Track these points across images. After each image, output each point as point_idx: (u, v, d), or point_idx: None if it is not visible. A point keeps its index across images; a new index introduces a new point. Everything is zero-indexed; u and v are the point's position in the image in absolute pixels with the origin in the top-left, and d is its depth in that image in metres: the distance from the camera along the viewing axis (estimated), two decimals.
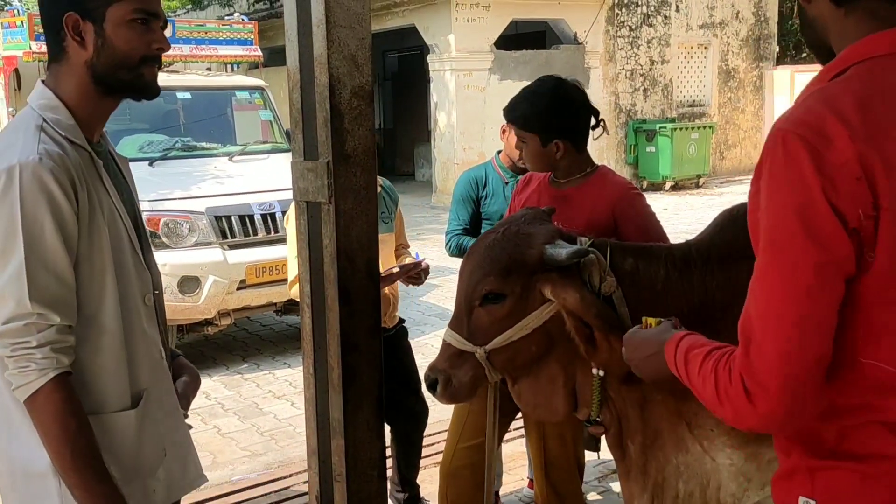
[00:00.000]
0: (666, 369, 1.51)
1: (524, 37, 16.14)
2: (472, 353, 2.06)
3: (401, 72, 19.65)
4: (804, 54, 21.20)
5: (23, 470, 1.73)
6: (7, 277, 1.59)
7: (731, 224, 2.06)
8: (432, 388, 2.12)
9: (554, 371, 2.08)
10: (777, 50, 18.38)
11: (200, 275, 5.80)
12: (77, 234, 1.66)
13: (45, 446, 1.64)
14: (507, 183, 3.57)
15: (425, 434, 3.77)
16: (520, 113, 2.68)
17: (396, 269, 3.29)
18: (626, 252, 2.09)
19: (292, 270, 3.36)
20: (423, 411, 3.77)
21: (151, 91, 1.80)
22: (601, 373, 2.03)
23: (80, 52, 1.72)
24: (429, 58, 14.82)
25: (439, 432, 4.50)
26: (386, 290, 3.35)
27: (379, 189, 3.12)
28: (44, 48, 7.66)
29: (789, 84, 17.23)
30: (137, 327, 1.81)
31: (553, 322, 2.01)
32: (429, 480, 4.04)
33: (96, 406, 1.73)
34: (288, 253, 3.57)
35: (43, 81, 1.79)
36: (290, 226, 3.62)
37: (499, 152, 3.69)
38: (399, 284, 3.49)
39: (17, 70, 8.18)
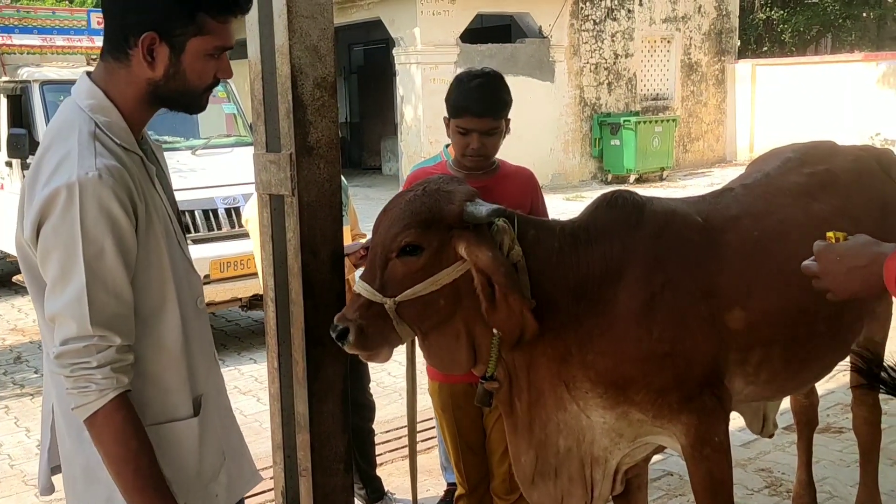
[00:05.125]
0: (875, 284, 1.45)
1: (489, 30, 16.14)
2: (382, 305, 2.07)
3: (366, 65, 19.56)
4: (765, 48, 21.52)
5: (84, 472, 1.70)
6: (68, 299, 1.55)
7: (606, 208, 2.28)
8: (341, 337, 2.07)
9: (459, 328, 2.15)
10: (738, 44, 18.60)
11: None
12: (136, 247, 1.63)
13: (106, 467, 1.61)
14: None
15: (388, 430, 3.76)
16: (496, 101, 2.58)
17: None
18: (530, 224, 2.23)
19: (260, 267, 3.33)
20: (372, 404, 3.77)
21: (201, 110, 1.81)
22: (500, 333, 2.13)
23: (145, 69, 1.65)
24: (394, 51, 14.77)
25: (424, 425, 4.50)
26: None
27: None
28: (3, 42, 7.37)
29: (751, 77, 17.46)
30: (194, 331, 1.78)
31: (463, 280, 2.08)
32: (396, 474, 4.04)
33: (160, 416, 1.71)
34: (254, 250, 3.53)
35: (89, 74, 1.71)
36: (249, 225, 3.59)
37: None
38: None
39: None
